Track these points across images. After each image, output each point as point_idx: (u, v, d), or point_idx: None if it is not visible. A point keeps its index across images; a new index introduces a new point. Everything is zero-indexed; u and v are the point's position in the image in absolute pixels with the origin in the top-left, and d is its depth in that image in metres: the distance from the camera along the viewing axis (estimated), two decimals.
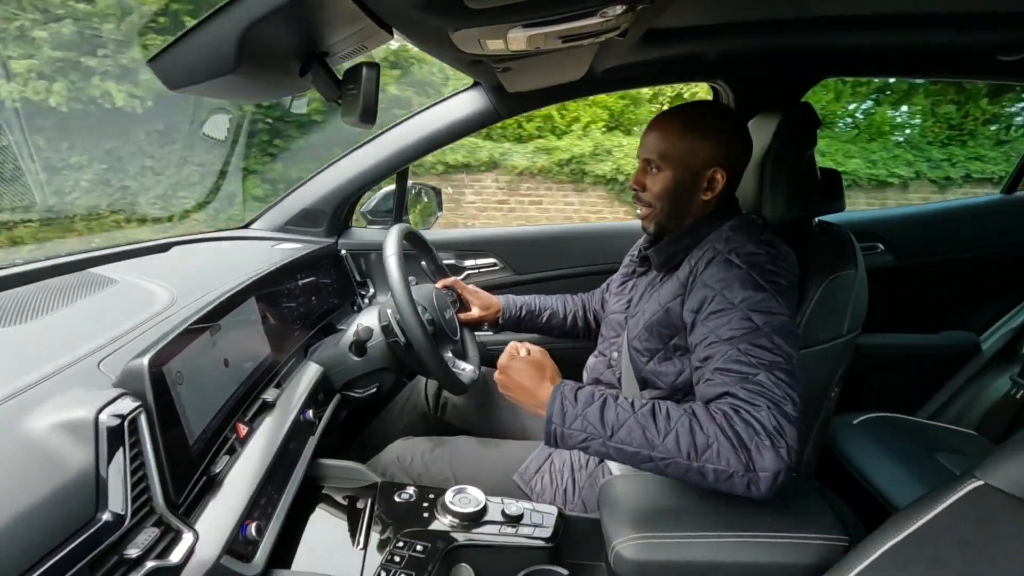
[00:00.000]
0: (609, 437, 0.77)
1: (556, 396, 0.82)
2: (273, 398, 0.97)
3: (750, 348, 0.80)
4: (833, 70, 1.52)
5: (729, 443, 0.73)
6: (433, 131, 1.48)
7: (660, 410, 0.78)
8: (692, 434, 0.75)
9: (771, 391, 0.76)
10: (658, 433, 0.76)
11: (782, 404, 0.75)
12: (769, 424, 0.73)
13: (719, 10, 1.06)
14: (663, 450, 0.75)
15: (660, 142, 0.98)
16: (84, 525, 0.56)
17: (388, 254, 1.11)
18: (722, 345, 0.82)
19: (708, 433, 0.74)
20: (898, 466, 1.26)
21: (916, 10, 1.06)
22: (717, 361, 0.81)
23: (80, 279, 1.01)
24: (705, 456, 0.73)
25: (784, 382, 0.77)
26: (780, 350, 0.80)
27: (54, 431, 0.59)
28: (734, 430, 0.74)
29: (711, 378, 0.81)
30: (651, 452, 0.75)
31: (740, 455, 0.72)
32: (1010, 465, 0.61)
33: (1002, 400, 1.63)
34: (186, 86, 0.71)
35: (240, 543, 0.72)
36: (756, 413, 0.74)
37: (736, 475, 0.73)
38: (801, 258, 1.00)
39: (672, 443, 0.75)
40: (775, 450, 0.72)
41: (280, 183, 4.50)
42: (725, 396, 0.78)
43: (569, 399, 0.81)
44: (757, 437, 0.73)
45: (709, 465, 0.73)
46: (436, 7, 0.68)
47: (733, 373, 0.79)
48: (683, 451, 0.74)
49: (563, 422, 0.79)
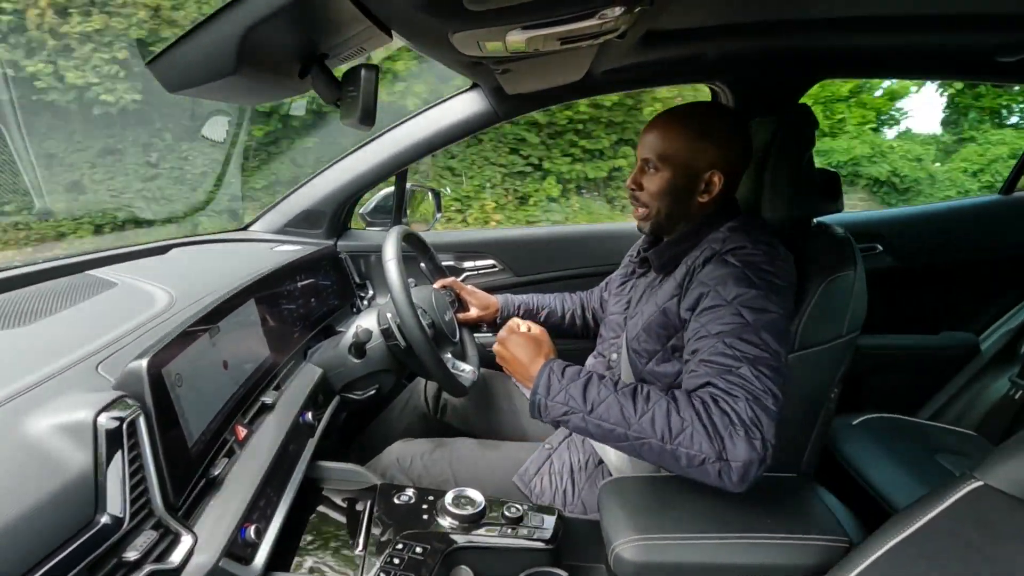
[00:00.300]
0: (589, 412, 0.79)
1: (544, 369, 0.85)
2: (272, 400, 0.97)
3: (736, 342, 0.80)
4: (831, 71, 1.52)
5: (704, 429, 0.74)
6: (432, 133, 1.48)
7: (641, 391, 0.80)
8: (668, 416, 0.76)
9: (751, 384, 0.77)
10: (635, 412, 0.77)
11: (762, 398, 0.76)
12: (745, 415, 0.74)
13: (717, 12, 1.07)
14: (638, 429, 0.76)
15: (659, 142, 0.98)
16: (83, 528, 0.56)
17: (387, 258, 1.11)
18: (710, 339, 0.83)
19: (684, 417, 0.75)
20: (898, 467, 1.26)
21: (914, 11, 1.06)
22: (703, 353, 0.82)
23: (78, 281, 1.01)
24: (679, 439, 0.74)
25: (767, 377, 0.78)
26: (767, 346, 0.80)
27: (53, 433, 0.58)
28: (710, 418, 0.74)
29: (695, 369, 0.82)
30: (626, 430, 0.77)
31: (713, 442, 0.73)
32: (1009, 465, 0.61)
33: (1001, 401, 1.63)
34: (185, 88, 0.71)
35: (239, 545, 0.72)
36: (734, 404, 0.75)
37: (708, 461, 0.73)
38: (800, 259, 1.00)
39: (648, 423, 0.76)
40: (749, 440, 0.73)
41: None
42: (706, 386, 0.79)
43: (556, 373, 0.84)
44: (732, 427, 0.73)
45: (682, 449, 0.74)
46: (435, 9, 0.69)
47: (716, 364, 0.80)
48: (658, 432, 0.75)
49: (547, 394, 0.82)
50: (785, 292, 0.89)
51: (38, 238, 3.77)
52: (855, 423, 1.45)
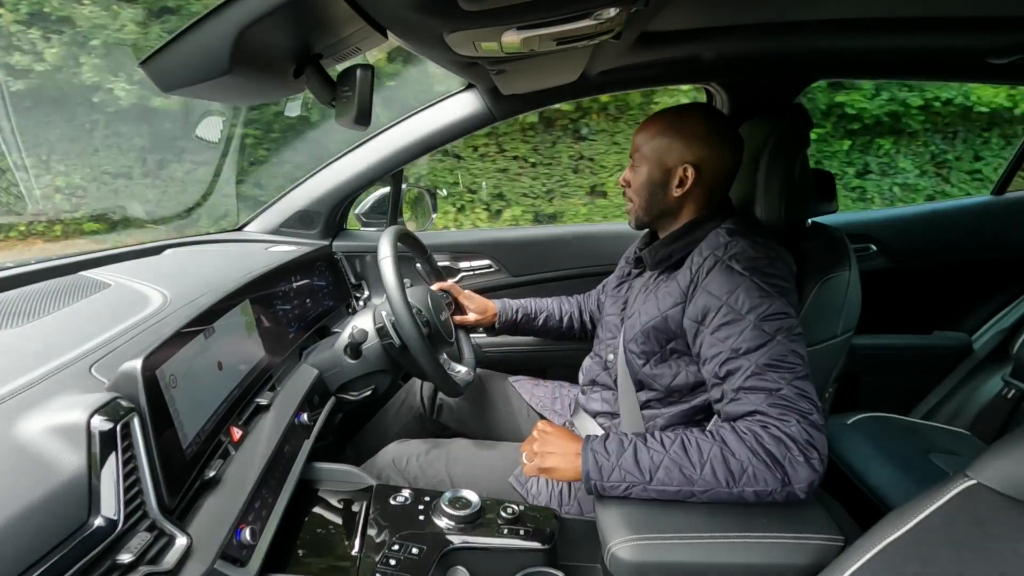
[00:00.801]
0: (648, 482, 0.80)
1: (587, 452, 0.84)
2: (268, 401, 0.96)
3: (769, 362, 0.82)
4: (825, 72, 1.53)
5: (763, 464, 0.76)
6: (428, 133, 1.48)
7: (691, 443, 0.80)
8: (725, 463, 0.77)
9: (797, 404, 0.79)
10: (694, 468, 0.78)
11: (809, 415, 0.78)
12: (800, 438, 0.76)
13: (712, 13, 1.07)
14: (703, 484, 0.78)
15: (639, 140, 1.03)
16: (76, 530, 0.55)
17: (383, 256, 1.11)
18: (739, 360, 0.83)
19: (740, 458, 0.77)
20: (892, 466, 1.27)
21: (907, 14, 1.07)
22: (739, 379, 0.83)
23: (72, 282, 1.01)
24: (743, 481, 0.77)
25: (805, 390, 0.80)
26: (796, 356, 0.83)
27: (46, 435, 0.58)
28: (766, 449, 0.76)
29: (737, 397, 0.83)
30: (692, 488, 0.79)
31: (775, 473, 0.76)
32: (1002, 464, 0.61)
33: (994, 400, 1.64)
34: (179, 88, 0.71)
35: (234, 547, 0.72)
36: (786, 428, 0.77)
37: (775, 492, 0.77)
38: (795, 259, 1.01)
39: (710, 475, 0.78)
40: (808, 463, 0.76)
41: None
42: (753, 415, 0.80)
43: (601, 452, 0.83)
44: (790, 453, 0.76)
45: (749, 488, 0.77)
46: (430, 9, 0.68)
47: (758, 391, 0.81)
48: (721, 480, 0.77)
49: (601, 476, 0.82)
50: (792, 292, 0.91)
51: (30, 237, 3.74)
52: (849, 422, 1.45)
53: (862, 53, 1.34)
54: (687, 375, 0.96)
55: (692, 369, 0.96)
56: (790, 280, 0.92)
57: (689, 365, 0.96)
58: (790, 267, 0.95)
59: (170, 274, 1.17)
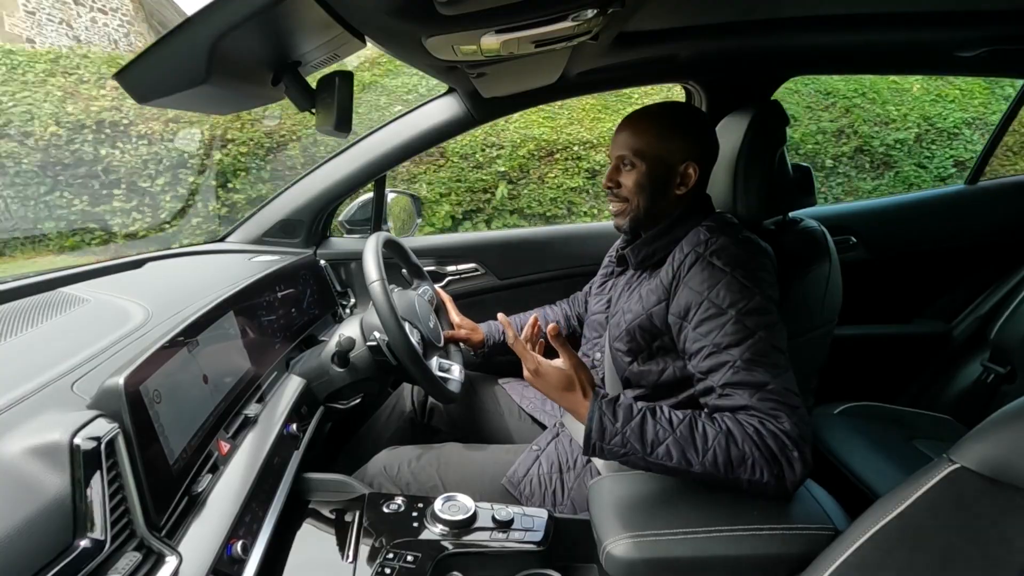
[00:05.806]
0: (648, 454, 0.81)
1: (595, 409, 0.83)
2: (255, 413, 0.95)
3: (753, 357, 0.83)
4: (801, 69, 1.56)
5: (763, 457, 0.78)
6: (409, 138, 1.47)
7: (697, 428, 0.81)
8: (728, 451, 0.79)
9: (785, 398, 0.81)
10: (697, 453, 0.80)
11: (797, 409, 0.80)
12: (794, 433, 0.78)
13: (689, 13, 1.08)
14: (700, 468, 0.79)
15: (634, 139, 1.00)
16: (61, 553, 0.54)
17: (371, 279, 1.08)
18: (722, 355, 0.84)
19: (743, 449, 0.78)
20: (878, 454, 1.29)
21: (878, 10, 1.10)
22: (724, 374, 0.84)
23: (50, 298, 0.98)
24: (740, 469, 0.78)
25: (790, 387, 0.82)
26: (778, 351, 0.84)
27: (26, 456, 0.57)
28: (765, 444, 0.78)
29: (725, 393, 0.84)
30: (689, 469, 0.80)
31: (772, 467, 0.78)
32: (983, 447, 0.62)
33: (974, 385, 1.68)
34: (156, 99, 0.70)
35: (226, 563, 0.71)
36: (780, 424, 0.79)
37: (768, 485, 0.78)
38: (776, 253, 1.02)
39: (711, 462, 0.79)
40: (803, 459, 0.78)
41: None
42: (746, 409, 0.81)
43: (608, 414, 0.83)
44: (787, 449, 0.78)
45: (743, 476, 0.78)
46: (408, 14, 0.68)
47: (745, 386, 0.82)
48: (720, 468, 0.79)
49: (602, 438, 0.82)
50: (772, 287, 0.92)
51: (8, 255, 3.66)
52: (835, 412, 1.48)
53: (834, 49, 1.37)
54: (674, 370, 0.97)
55: (679, 364, 0.96)
56: (771, 275, 0.93)
57: (676, 360, 0.97)
58: (771, 261, 0.96)
59: (152, 288, 1.15)
